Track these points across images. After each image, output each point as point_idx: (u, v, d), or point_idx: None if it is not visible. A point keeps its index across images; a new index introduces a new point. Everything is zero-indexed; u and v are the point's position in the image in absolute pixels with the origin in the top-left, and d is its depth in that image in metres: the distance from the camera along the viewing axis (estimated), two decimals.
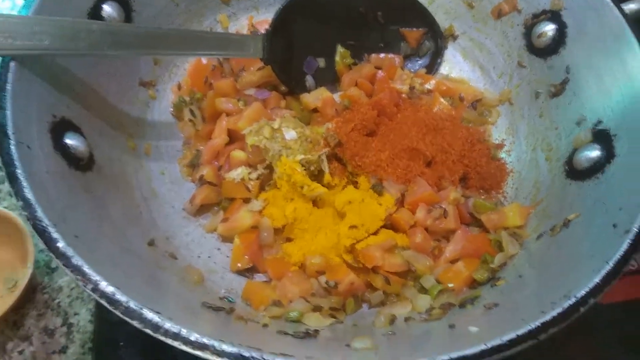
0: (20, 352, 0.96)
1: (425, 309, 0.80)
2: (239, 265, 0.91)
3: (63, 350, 0.97)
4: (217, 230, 0.95)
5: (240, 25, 1.18)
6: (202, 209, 0.99)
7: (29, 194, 0.64)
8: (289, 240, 0.93)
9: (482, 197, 0.98)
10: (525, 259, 0.83)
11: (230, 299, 0.84)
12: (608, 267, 0.65)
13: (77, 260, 0.60)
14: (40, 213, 0.63)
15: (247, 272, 0.92)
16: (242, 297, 0.85)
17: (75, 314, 1.01)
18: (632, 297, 1.01)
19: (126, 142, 0.97)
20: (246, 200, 0.96)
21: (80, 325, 0.99)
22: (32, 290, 1.01)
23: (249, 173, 0.96)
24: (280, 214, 0.93)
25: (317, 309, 0.81)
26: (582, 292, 0.63)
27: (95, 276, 0.60)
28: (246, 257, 0.91)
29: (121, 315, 0.58)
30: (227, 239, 0.96)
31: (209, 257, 0.93)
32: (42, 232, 0.62)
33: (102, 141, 0.88)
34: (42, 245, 0.62)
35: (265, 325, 0.74)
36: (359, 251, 0.86)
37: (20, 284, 0.93)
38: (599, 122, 0.86)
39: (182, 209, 0.99)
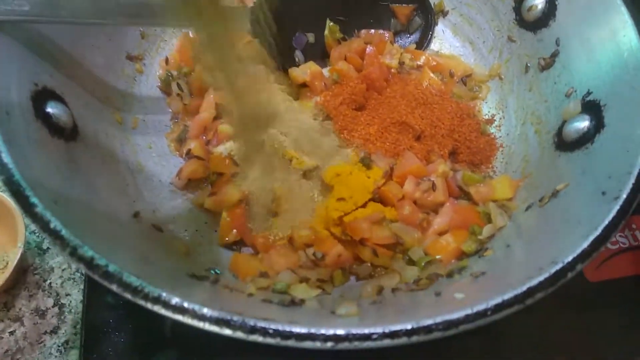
0: (12, 333, 0.96)
1: (412, 279, 0.80)
2: (227, 239, 0.91)
3: (54, 330, 0.97)
4: (204, 205, 0.94)
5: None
6: (189, 184, 0.98)
7: (6, 157, 0.62)
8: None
9: (471, 171, 0.97)
10: (513, 229, 0.83)
11: (216, 271, 0.83)
12: (597, 233, 0.64)
13: (54, 224, 0.59)
14: (17, 177, 0.61)
15: (235, 245, 0.92)
16: (229, 269, 0.84)
17: (67, 294, 1.01)
18: (623, 275, 1.01)
19: (112, 115, 0.95)
20: (234, 175, 0.95)
21: (71, 306, 1.00)
22: (23, 272, 1.02)
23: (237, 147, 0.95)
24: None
25: (304, 280, 0.81)
26: (570, 258, 0.62)
27: (74, 240, 0.58)
28: (234, 231, 0.91)
29: (99, 280, 0.57)
30: (215, 213, 0.95)
31: (196, 230, 0.92)
32: (19, 196, 0.60)
33: (87, 113, 0.87)
34: (33, 227, 0.61)
35: (250, 295, 0.73)
36: (346, 224, 0.85)
37: (11, 264, 0.94)
38: (589, 93, 0.85)
39: (169, 183, 0.98)
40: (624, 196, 0.67)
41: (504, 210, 0.86)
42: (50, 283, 1.01)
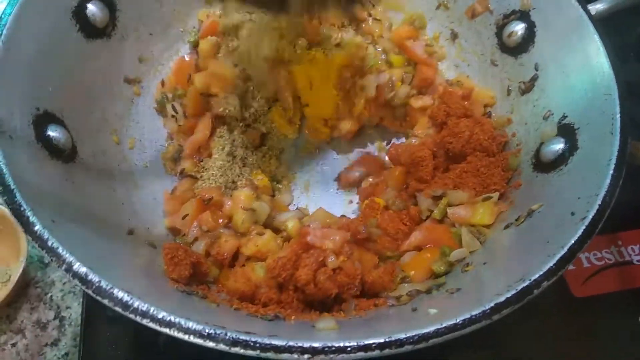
0: (14, 345, 0.99)
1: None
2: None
3: (55, 343, 1.00)
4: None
5: None
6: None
7: (8, 179, 0.67)
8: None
9: None
10: (492, 247, 0.86)
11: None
12: (563, 252, 0.67)
13: (52, 242, 0.64)
14: (19, 198, 0.66)
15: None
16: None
17: (67, 307, 1.03)
18: (609, 291, 1.04)
19: (110, 136, 1.00)
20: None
21: (72, 319, 1.02)
22: (25, 285, 1.04)
23: None
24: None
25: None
26: (536, 276, 0.65)
27: (69, 257, 0.63)
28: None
29: (92, 294, 0.61)
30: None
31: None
32: (19, 216, 0.65)
33: (86, 135, 0.91)
34: None
35: (237, 309, 0.76)
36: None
37: (14, 278, 0.96)
38: (564, 116, 0.89)
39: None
40: (590, 217, 0.70)
41: (478, 234, 0.88)
42: (51, 296, 1.04)
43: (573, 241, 0.68)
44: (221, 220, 0.91)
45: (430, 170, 0.97)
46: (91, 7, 0.96)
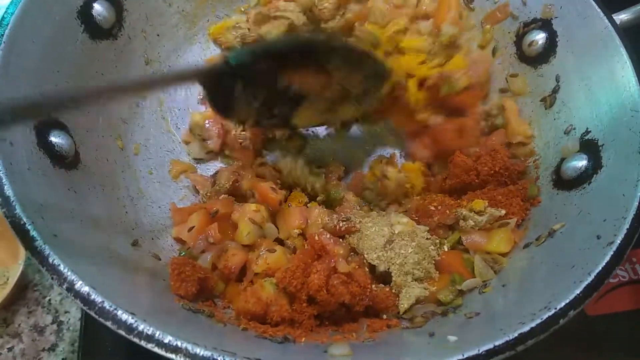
0: (10, 349, 0.97)
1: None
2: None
3: (52, 348, 0.98)
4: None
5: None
6: None
7: (8, 190, 0.64)
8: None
9: None
10: (510, 268, 0.82)
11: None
12: (590, 278, 0.65)
13: (53, 259, 0.61)
14: (18, 210, 0.63)
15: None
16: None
17: (66, 312, 1.01)
18: (622, 309, 1.01)
19: (115, 141, 0.97)
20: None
21: (70, 324, 1.00)
22: (23, 288, 1.02)
23: None
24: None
25: None
26: (562, 304, 0.63)
27: (71, 275, 0.60)
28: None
29: (95, 316, 0.58)
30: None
31: None
32: (19, 230, 0.62)
33: (90, 140, 0.88)
34: None
35: (244, 329, 0.73)
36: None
37: (11, 280, 0.94)
38: (587, 131, 0.86)
39: (169, 209, 0.98)
40: (618, 242, 0.67)
41: (494, 262, 0.84)
42: (49, 300, 1.02)
43: (600, 267, 0.65)
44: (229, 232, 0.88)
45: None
46: (97, 7, 0.93)
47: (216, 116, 1.02)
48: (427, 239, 0.87)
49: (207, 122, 1.04)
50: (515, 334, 0.60)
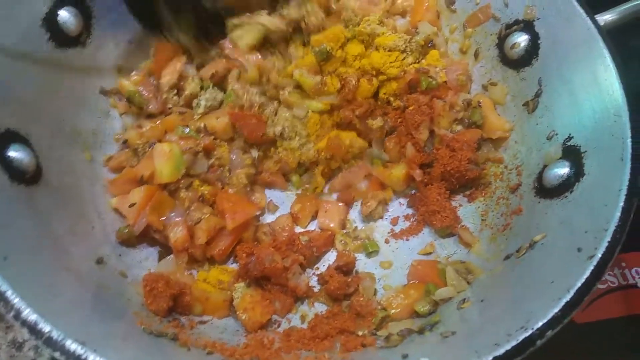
0: None
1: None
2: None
3: None
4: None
5: None
6: None
7: None
8: None
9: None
10: (490, 282, 0.80)
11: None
12: (568, 296, 0.62)
13: (0, 284, 0.57)
14: None
15: None
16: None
17: None
18: (612, 316, 0.99)
19: (82, 152, 0.94)
20: None
21: None
22: None
23: None
24: None
25: None
26: (539, 324, 0.60)
27: (18, 303, 0.57)
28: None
29: (43, 346, 0.55)
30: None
31: None
32: None
33: (54, 152, 0.85)
34: None
35: (210, 353, 0.70)
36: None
37: None
38: (570, 137, 0.83)
39: None
40: (599, 255, 0.65)
41: (467, 273, 0.83)
42: None
43: (580, 284, 0.63)
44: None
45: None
46: (63, 14, 0.90)
47: (145, 79, 1.02)
48: None
49: (140, 87, 1.01)
50: (489, 358, 0.57)
